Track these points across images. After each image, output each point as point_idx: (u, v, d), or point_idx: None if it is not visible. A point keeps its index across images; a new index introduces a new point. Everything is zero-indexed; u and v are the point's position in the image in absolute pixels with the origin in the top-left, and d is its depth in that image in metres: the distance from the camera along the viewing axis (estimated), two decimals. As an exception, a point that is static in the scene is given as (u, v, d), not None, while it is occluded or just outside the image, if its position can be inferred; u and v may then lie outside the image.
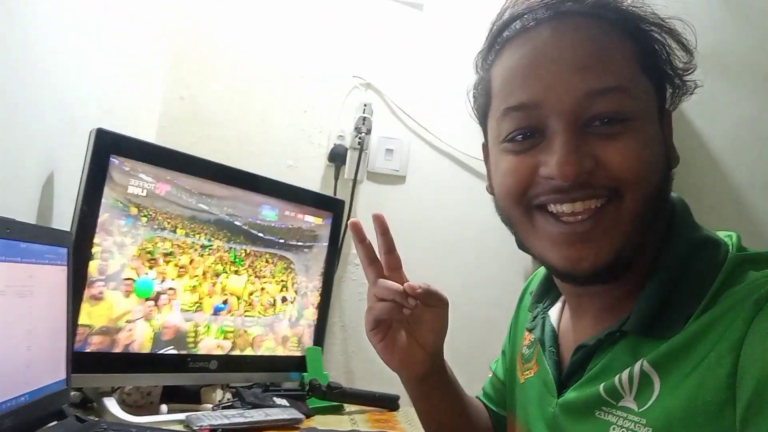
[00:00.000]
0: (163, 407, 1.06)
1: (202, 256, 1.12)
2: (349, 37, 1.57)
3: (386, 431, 1.13)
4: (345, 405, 1.27)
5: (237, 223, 1.18)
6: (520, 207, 0.61)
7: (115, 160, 0.98)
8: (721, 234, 0.60)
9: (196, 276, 1.11)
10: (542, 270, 0.82)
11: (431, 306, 0.74)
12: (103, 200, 0.97)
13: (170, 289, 1.07)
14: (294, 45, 1.55)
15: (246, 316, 1.20)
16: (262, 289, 1.23)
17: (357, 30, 1.57)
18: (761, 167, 1.61)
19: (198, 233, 1.11)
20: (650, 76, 0.59)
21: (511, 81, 0.61)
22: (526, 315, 0.81)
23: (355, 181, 1.51)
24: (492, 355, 1.51)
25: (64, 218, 0.99)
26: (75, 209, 0.94)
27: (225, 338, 1.16)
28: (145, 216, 1.03)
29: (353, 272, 1.52)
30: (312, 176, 1.53)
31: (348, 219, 1.46)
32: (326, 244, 1.36)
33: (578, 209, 0.57)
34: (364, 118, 1.50)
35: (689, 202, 0.64)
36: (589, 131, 0.56)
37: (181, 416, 1.01)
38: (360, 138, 1.49)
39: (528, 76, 0.59)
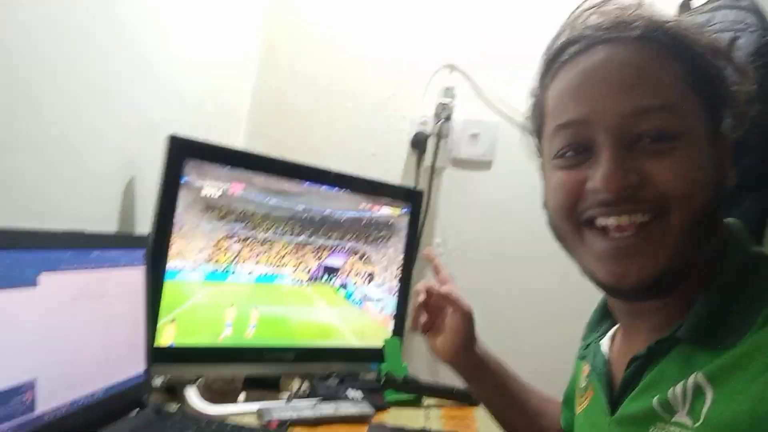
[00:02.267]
0: (241, 396, 1.12)
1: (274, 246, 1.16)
2: (435, 17, 1.51)
3: (457, 430, 1.11)
4: (424, 398, 1.26)
5: (311, 217, 1.20)
6: (570, 222, 0.63)
7: (189, 164, 1.03)
8: None
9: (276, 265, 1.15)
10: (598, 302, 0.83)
11: (455, 311, 0.91)
12: (179, 202, 1.02)
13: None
14: (378, 29, 1.53)
15: (327, 306, 1.24)
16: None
17: (442, 10, 1.51)
18: None
19: (272, 229, 1.15)
20: (701, 96, 0.60)
21: (562, 100, 0.63)
22: None
23: (433, 168, 1.47)
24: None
25: (148, 220, 1.06)
26: (154, 212, 1.01)
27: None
28: (220, 215, 1.08)
29: (437, 262, 1.50)
30: (395, 164, 1.51)
31: (427, 208, 1.44)
32: (405, 234, 1.34)
33: (624, 222, 0.58)
34: (444, 104, 1.44)
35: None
36: (637, 148, 0.58)
37: (256, 406, 1.06)
38: (440, 123, 1.44)
39: (578, 94, 0.61)
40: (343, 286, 1.27)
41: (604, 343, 0.75)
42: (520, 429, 0.94)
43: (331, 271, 1.25)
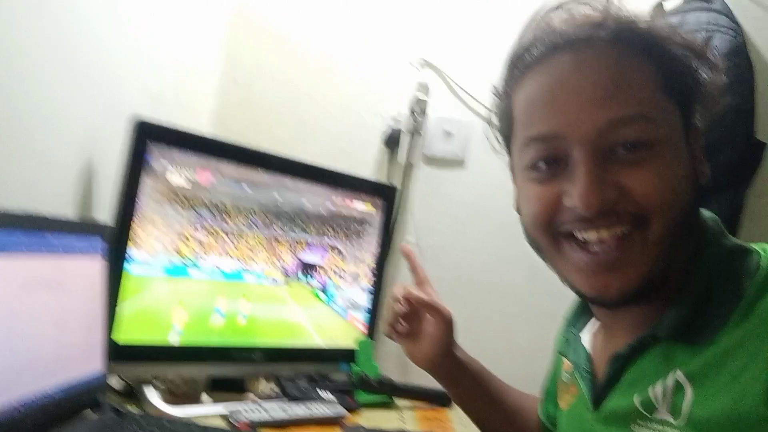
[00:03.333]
0: (205, 397, 1.05)
1: (243, 238, 1.10)
2: (408, 13, 1.49)
3: (435, 430, 1.07)
4: (396, 400, 1.22)
5: (282, 210, 1.14)
6: (547, 235, 0.62)
7: (154, 150, 0.97)
8: (755, 246, 0.59)
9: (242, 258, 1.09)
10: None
11: (433, 317, 0.87)
12: (142, 189, 0.96)
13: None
14: (349, 24, 1.49)
15: (296, 305, 1.18)
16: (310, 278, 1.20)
17: (415, 6, 1.48)
18: None
19: (241, 219, 1.09)
20: (675, 97, 0.59)
21: (532, 111, 0.61)
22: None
23: (406, 165, 1.43)
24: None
25: (106, 209, 0.99)
26: (115, 200, 0.94)
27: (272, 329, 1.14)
28: (186, 204, 1.02)
29: (409, 261, 1.46)
30: (366, 160, 1.48)
31: (400, 206, 1.40)
32: (378, 231, 1.30)
33: (604, 236, 0.57)
34: (419, 100, 1.42)
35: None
36: (613, 159, 0.57)
37: (222, 408, 1.00)
38: (414, 120, 1.41)
39: (549, 107, 0.59)
40: (319, 283, 1.22)
41: (585, 339, 0.74)
42: (499, 429, 0.92)
43: (307, 267, 1.20)
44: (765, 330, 0.51)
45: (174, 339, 1.02)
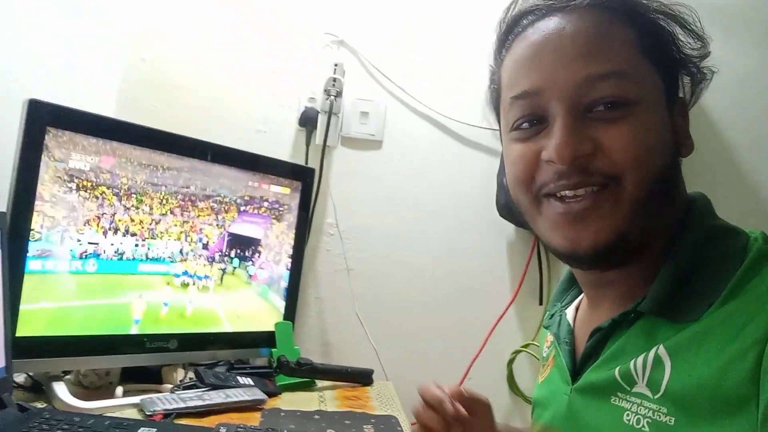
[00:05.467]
0: (119, 390, 1.02)
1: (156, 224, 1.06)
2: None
3: (354, 410, 1.09)
4: (317, 381, 1.23)
5: (192, 194, 1.11)
6: (529, 194, 0.63)
7: (51, 133, 0.92)
8: (746, 230, 0.60)
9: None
10: (564, 273, 0.83)
11: (474, 412, 0.69)
12: (41, 175, 0.91)
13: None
14: (262, 1, 1.45)
15: (214, 292, 1.16)
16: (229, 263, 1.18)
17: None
18: (761, 125, 1.52)
19: (150, 205, 1.05)
20: (654, 61, 0.59)
21: (516, 72, 0.63)
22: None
23: (324, 147, 1.43)
24: (476, 327, 1.48)
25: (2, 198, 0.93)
26: (10, 187, 0.88)
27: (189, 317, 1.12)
28: (89, 190, 0.97)
29: (328, 242, 1.46)
30: (283, 142, 1.45)
31: (318, 186, 1.40)
32: (296, 214, 1.30)
33: (580, 194, 0.58)
34: (335, 80, 1.41)
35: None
36: (591, 116, 0.58)
37: (136, 399, 0.97)
38: (330, 101, 1.41)
39: (531, 65, 0.61)
40: (237, 267, 1.20)
41: (569, 312, 0.75)
42: None
43: (224, 253, 1.18)
44: (753, 308, 0.51)
45: (97, 327, 0.97)
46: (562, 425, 0.66)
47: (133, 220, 1.03)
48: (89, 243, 0.98)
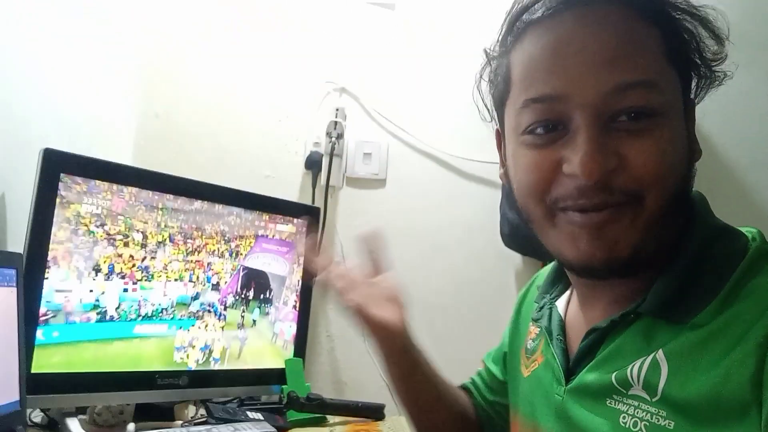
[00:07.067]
0: (131, 426, 1.04)
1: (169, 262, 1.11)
2: (322, 41, 1.55)
3: (363, 443, 1.09)
4: (328, 417, 1.24)
5: (208, 235, 1.16)
6: (542, 206, 0.59)
7: (66, 179, 0.98)
8: (742, 228, 0.59)
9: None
10: (550, 264, 0.80)
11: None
12: (55, 219, 0.96)
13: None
14: (265, 53, 1.54)
15: (224, 329, 1.19)
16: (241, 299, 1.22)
17: (329, 34, 1.55)
18: (755, 144, 1.53)
19: (159, 244, 1.10)
20: (677, 66, 0.57)
21: (533, 71, 0.58)
22: (532, 307, 0.80)
23: (327, 187, 1.48)
24: (483, 355, 1.47)
25: (20, 240, 0.98)
26: (26, 230, 0.94)
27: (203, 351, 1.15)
28: (101, 233, 1.02)
29: (337, 280, 1.49)
30: (290, 185, 1.51)
31: (324, 225, 1.44)
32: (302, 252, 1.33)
33: (598, 207, 0.56)
34: (336, 123, 1.47)
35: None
36: (615, 126, 0.54)
37: (147, 435, 0.99)
38: (332, 143, 1.47)
39: (552, 67, 0.56)
40: (250, 306, 1.23)
41: (560, 306, 0.72)
42: (439, 420, 0.89)
43: (238, 292, 1.21)
44: (753, 314, 0.49)
45: (111, 363, 1.01)
46: (554, 426, 0.65)
47: (120, 255, 1.08)
48: (98, 279, 1.02)
